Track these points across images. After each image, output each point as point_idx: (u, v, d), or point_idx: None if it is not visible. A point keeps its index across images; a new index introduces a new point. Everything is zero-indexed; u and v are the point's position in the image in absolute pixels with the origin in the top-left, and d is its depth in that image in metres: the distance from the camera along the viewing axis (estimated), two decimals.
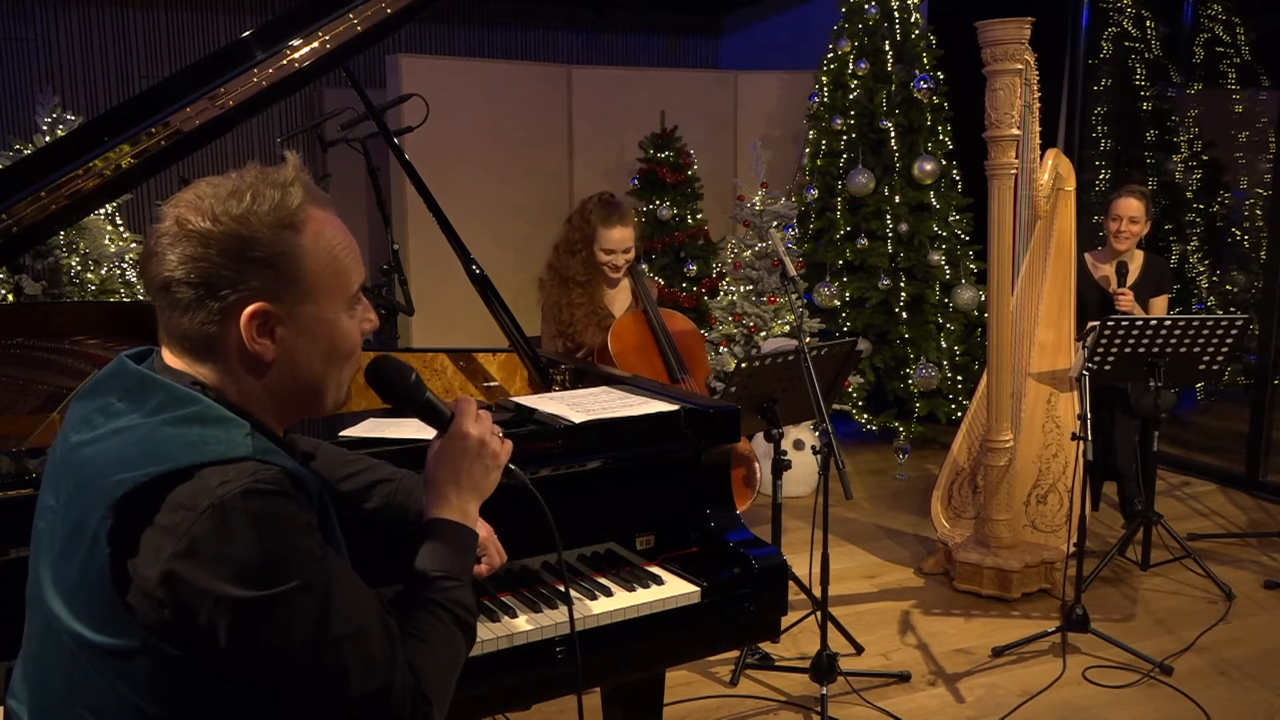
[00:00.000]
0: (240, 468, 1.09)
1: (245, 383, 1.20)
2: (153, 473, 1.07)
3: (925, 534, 4.38)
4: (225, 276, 1.15)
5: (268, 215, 1.16)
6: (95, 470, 1.12)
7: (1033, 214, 4.09)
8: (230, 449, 1.11)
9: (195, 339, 1.17)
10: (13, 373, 2.82)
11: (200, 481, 1.07)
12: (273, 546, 1.07)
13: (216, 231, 1.14)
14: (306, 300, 1.19)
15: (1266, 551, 4.29)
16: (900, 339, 5.65)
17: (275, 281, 1.17)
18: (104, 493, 1.08)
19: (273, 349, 1.18)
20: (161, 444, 1.10)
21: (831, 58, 5.87)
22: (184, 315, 1.17)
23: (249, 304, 1.16)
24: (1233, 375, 6.01)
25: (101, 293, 4.74)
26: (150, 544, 1.06)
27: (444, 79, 6.10)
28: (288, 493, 1.10)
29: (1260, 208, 6.32)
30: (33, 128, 5.04)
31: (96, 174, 2.04)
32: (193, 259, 1.14)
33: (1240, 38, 6.34)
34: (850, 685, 3.13)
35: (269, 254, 1.16)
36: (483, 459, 1.40)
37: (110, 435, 1.14)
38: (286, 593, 1.07)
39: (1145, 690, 3.17)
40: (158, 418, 1.13)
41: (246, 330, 1.16)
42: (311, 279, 1.19)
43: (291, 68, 2.12)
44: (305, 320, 1.20)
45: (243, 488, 1.07)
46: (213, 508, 1.05)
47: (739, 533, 2.01)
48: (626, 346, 3.75)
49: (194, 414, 1.14)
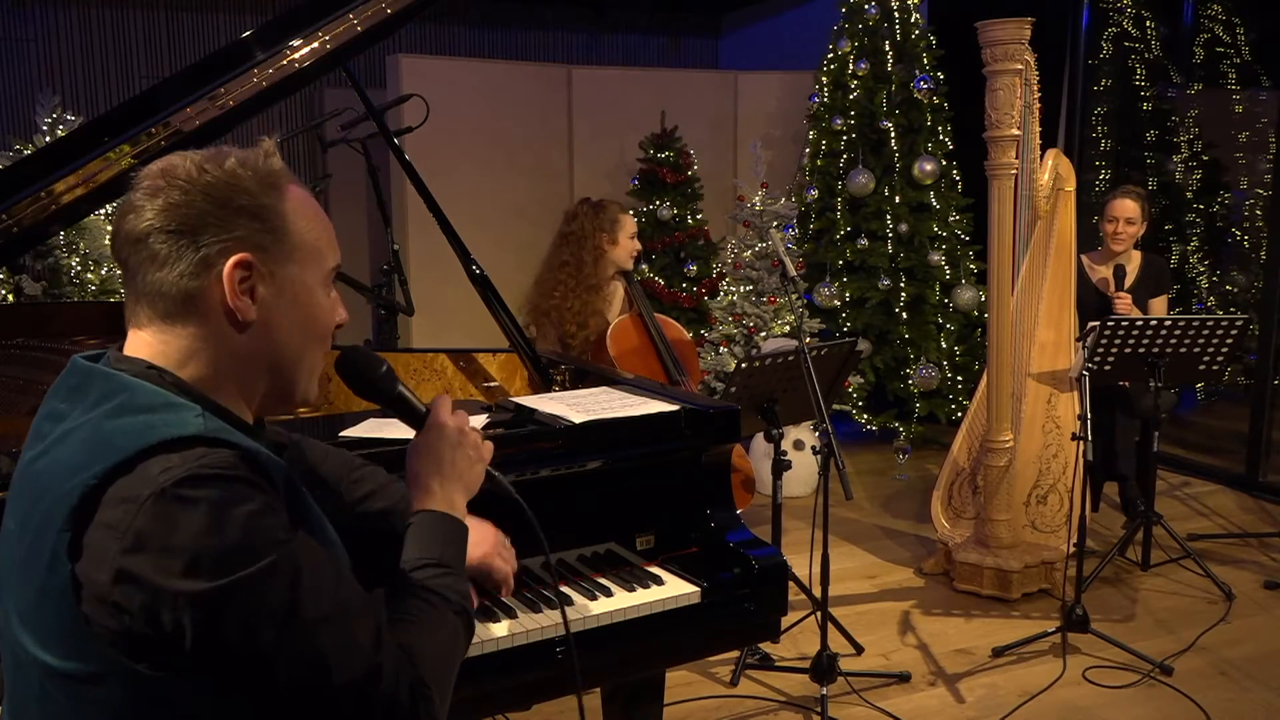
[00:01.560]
0: (185, 454, 1.01)
1: (222, 347, 1.14)
2: (100, 470, 1.01)
3: (925, 534, 4.38)
4: (210, 223, 1.10)
5: (253, 173, 1.14)
6: (47, 482, 1.05)
7: (1033, 214, 4.10)
8: (176, 429, 1.03)
9: (171, 297, 1.11)
10: (13, 373, 2.83)
11: (142, 471, 1.00)
12: (226, 531, 0.99)
13: (202, 179, 1.11)
14: (290, 260, 1.15)
15: (1266, 552, 4.29)
16: (900, 339, 5.65)
17: (261, 234, 1.13)
18: (59, 503, 1.02)
19: (253, 310, 1.13)
20: (106, 438, 1.04)
21: (831, 58, 5.88)
22: (161, 268, 1.10)
23: (234, 253, 1.11)
24: (1233, 375, 6.01)
25: (101, 293, 4.74)
26: (96, 545, 0.99)
27: (444, 79, 6.10)
28: (240, 476, 1.02)
29: (1260, 208, 6.32)
30: (33, 128, 5.04)
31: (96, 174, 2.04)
32: (175, 205, 1.10)
33: (1240, 38, 6.34)
34: (850, 685, 3.13)
35: (256, 205, 1.13)
36: (464, 448, 1.35)
37: (57, 443, 1.08)
38: (247, 578, 0.99)
39: (1145, 690, 3.17)
40: (100, 410, 1.07)
41: (229, 281, 1.11)
42: (294, 238, 1.16)
43: (292, 68, 2.12)
44: (288, 282, 1.16)
45: (187, 473, 0.99)
46: (155, 496, 0.98)
47: (739, 533, 2.01)
48: (624, 349, 3.75)
49: (139, 402, 1.07)
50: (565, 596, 1.81)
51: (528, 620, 1.74)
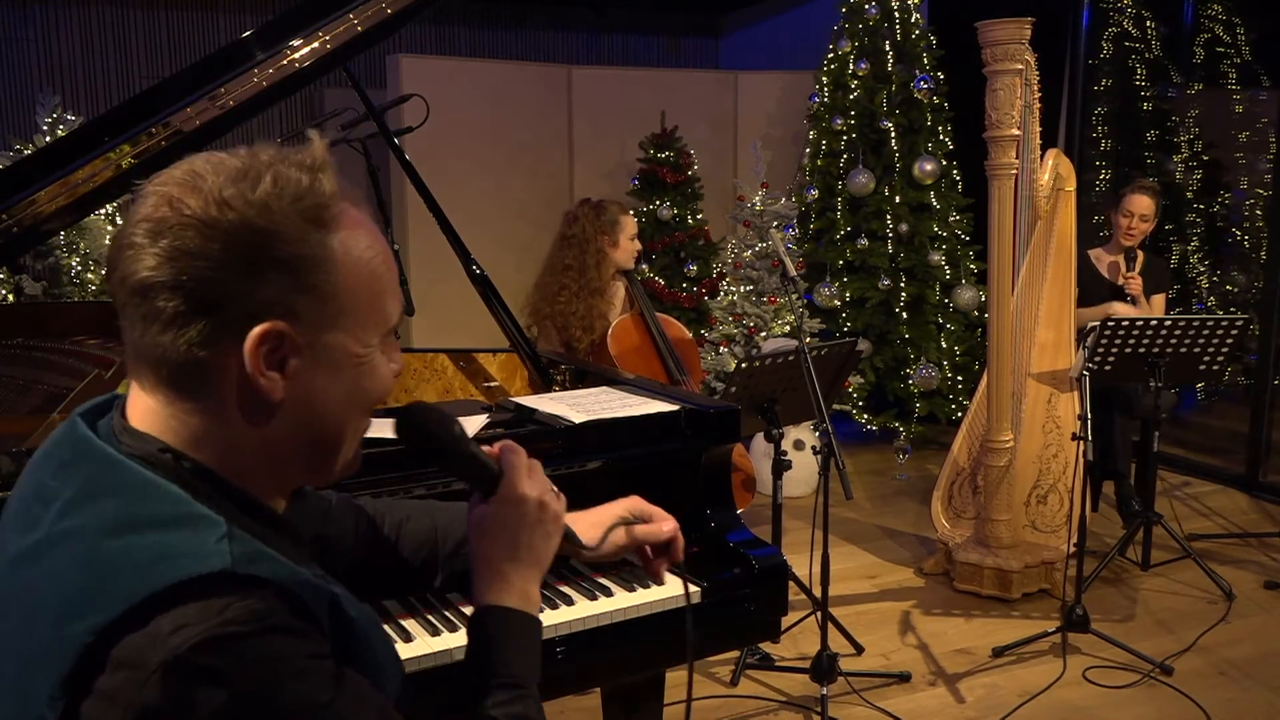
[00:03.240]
0: (206, 606, 0.79)
1: (238, 433, 0.90)
2: (99, 625, 0.78)
3: (925, 534, 4.38)
4: (228, 282, 0.85)
5: (292, 205, 0.87)
6: (30, 609, 0.83)
7: (1033, 214, 4.10)
8: (198, 564, 0.81)
9: (176, 366, 0.87)
10: (13, 373, 2.83)
11: (152, 628, 0.78)
12: (255, 708, 0.78)
13: (223, 220, 0.85)
14: (333, 325, 0.90)
15: (1267, 552, 4.29)
16: (900, 339, 5.65)
17: (295, 294, 0.87)
18: (47, 657, 0.79)
19: (282, 387, 0.88)
20: (107, 568, 0.81)
21: (832, 58, 5.88)
22: (164, 331, 0.86)
23: (258, 322, 0.86)
24: (1233, 375, 6.01)
25: (101, 293, 4.75)
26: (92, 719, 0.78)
27: (444, 79, 6.10)
28: (274, 627, 0.81)
29: (1260, 208, 6.32)
30: (33, 128, 5.05)
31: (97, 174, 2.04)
32: (186, 254, 0.84)
33: (1240, 38, 6.34)
34: (850, 685, 3.13)
35: (290, 256, 0.86)
36: (544, 524, 1.12)
37: (46, 549, 0.84)
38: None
39: (1145, 690, 3.17)
40: (99, 516, 0.84)
41: (252, 358, 0.86)
42: (343, 298, 0.90)
43: (292, 68, 2.12)
44: (329, 352, 0.90)
45: (206, 634, 0.77)
46: (166, 667, 0.76)
47: (739, 533, 2.01)
48: (625, 349, 3.75)
49: (147, 513, 0.84)
50: (566, 597, 1.81)
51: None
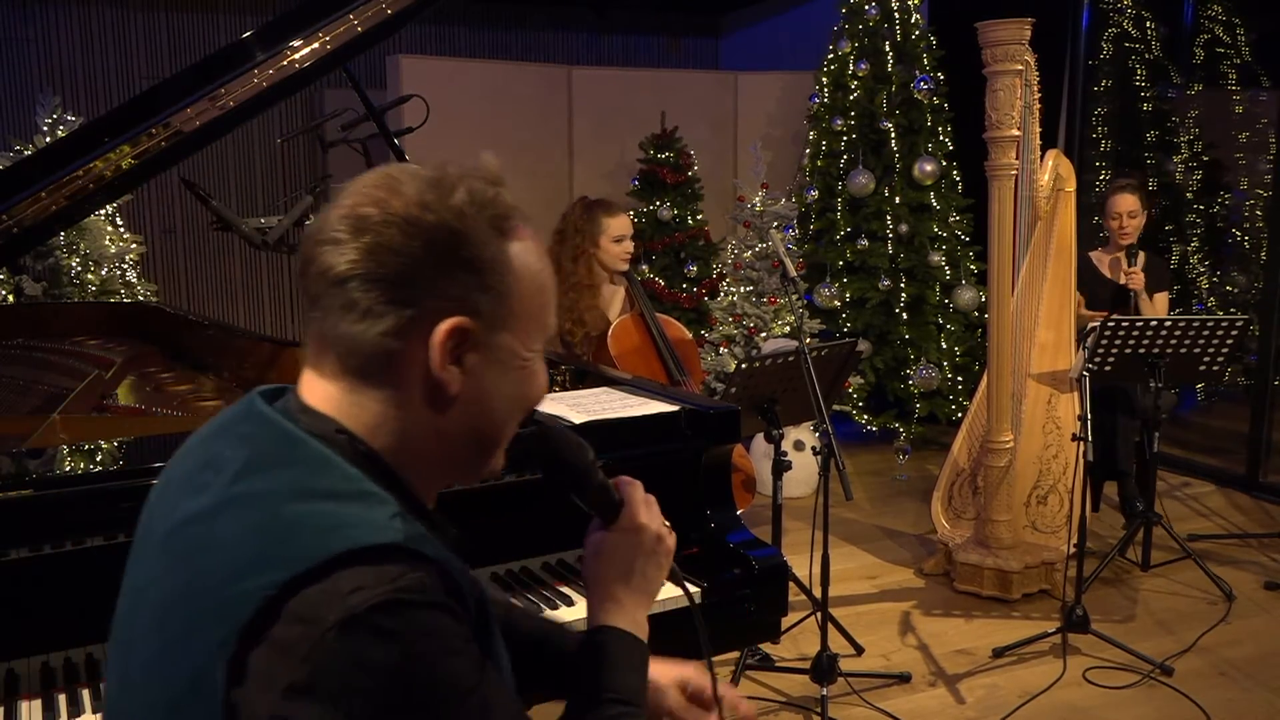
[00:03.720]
0: (380, 570, 0.84)
1: (416, 421, 0.95)
2: (280, 579, 0.83)
3: (925, 535, 4.38)
4: (426, 277, 0.91)
5: (481, 213, 0.95)
6: (203, 566, 0.88)
7: (1033, 215, 4.10)
8: (373, 534, 0.86)
9: (365, 355, 0.93)
10: (13, 373, 2.83)
11: (329, 585, 0.82)
12: (419, 675, 0.83)
13: (424, 220, 0.91)
14: (506, 327, 0.96)
15: (1267, 552, 4.29)
16: (900, 340, 5.65)
17: (481, 294, 0.94)
18: (221, 606, 0.84)
19: (460, 380, 0.95)
20: (285, 531, 0.86)
21: (832, 58, 5.87)
22: (357, 321, 0.91)
23: (447, 316, 0.92)
24: (1233, 376, 6.01)
25: (102, 293, 4.75)
26: (261, 669, 0.82)
27: (444, 79, 6.10)
28: (437, 603, 0.86)
29: (1260, 208, 6.32)
30: (33, 128, 5.05)
31: (97, 175, 2.04)
32: (388, 250, 0.90)
33: (1240, 38, 6.34)
34: (850, 686, 3.13)
35: (477, 258, 0.93)
36: (657, 556, 1.18)
37: (220, 509, 0.90)
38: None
39: (1146, 691, 3.17)
40: (280, 487, 0.90)
41: (439, 350, 0.92)
42: (516, 302, 0.96)
43: (292, 68, 2.12)
44: (500, 352, 0.97)
45: (382, 597, 0.82)
46: (341, 625, 0.81)
47: (739, 533, 2.01)
48: (626, 349, 3.75)
49: (325, 485, 0.89)
50: (566, 597, 1.81)
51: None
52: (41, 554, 1.51)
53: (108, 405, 2.48)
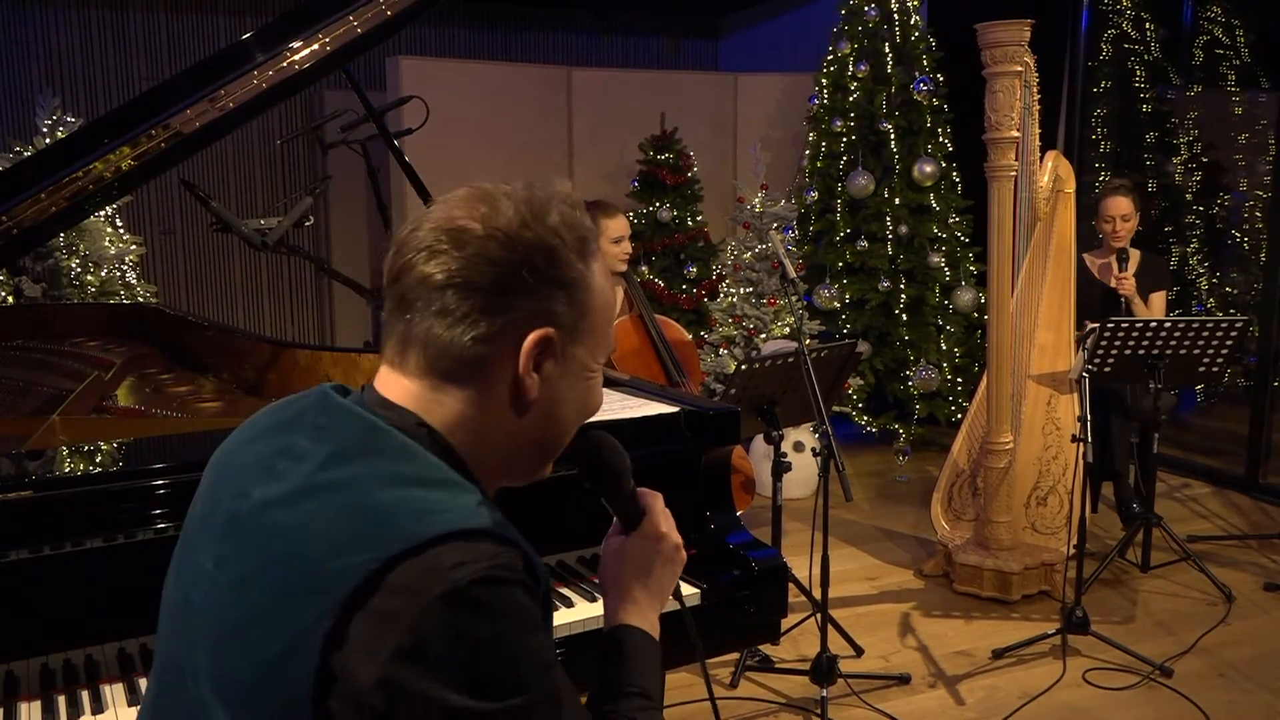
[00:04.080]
0: (479, 548, 0.89)
1: (494, 422, 1.02)
2: (383, 556, 0.87)
3: (925, 536, 4.38)
4: (524, 288, 0.98)
5: (571, 233, 1.01)
6: (295, 547, 0.92)
7: (1032, 216, 4.10)
8: (465, 519, 0.91)
9: (455, 357, 0.98)
10: (13, 374, 2.83)
11: (431, 559, 0.88)
12: (509, 649, 0.89)
13: (526, 237, 0.98)
14: (580, 341, 1.04)
15: (1266, 553, 4.29)
16: (900, 341, 5.65)
17: (566, 309, 1.01)
18: (320, 584, 0.88)
19: (538, 387, 1.01)
20: (380, 513, 0.91)
21: (831, 59, 5.88)
22: (452, 326, 0.97)
23: (538, 326, 0.99)
24: (1232, 377, 6.01)
25: (101, 294, 4.75)
26: (364, 635, 0.86)
27: (444, 81, 6.10)
28: (524, 583, 0.92)
29: (1260, 210, 6.32)
30: (33, 129, 5.05)
31: (97, 176, 2.04)
32: (491, 261, 0.97)
33: (1240, 39, 6.34)
34: (850, 687, 3.13)
35: (570, 275, 1.00)
36: (673, 564, 1.25)
37: (304, 496, 0.94)
38: (519, 707, 0.89)
39: (1145, 692, 3.17)
40: (368, 473, 0.94)
41: (527, 357, 0.99)
42: (591, 318, 1.04)
43: (291, 70, 2.12)
44: (573, 363, 1.04)
45: (482, 573, 0.88)
46: (445, 597, 0.86)
47: (739, 535, 2.01)
48: (625, 350, 3.75)
49: (413, 473, 0.94)
50: (566, 599, 1.82)
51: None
52: (41, 555, 1.51)
53: (107, 406, 2.48)
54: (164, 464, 1.68)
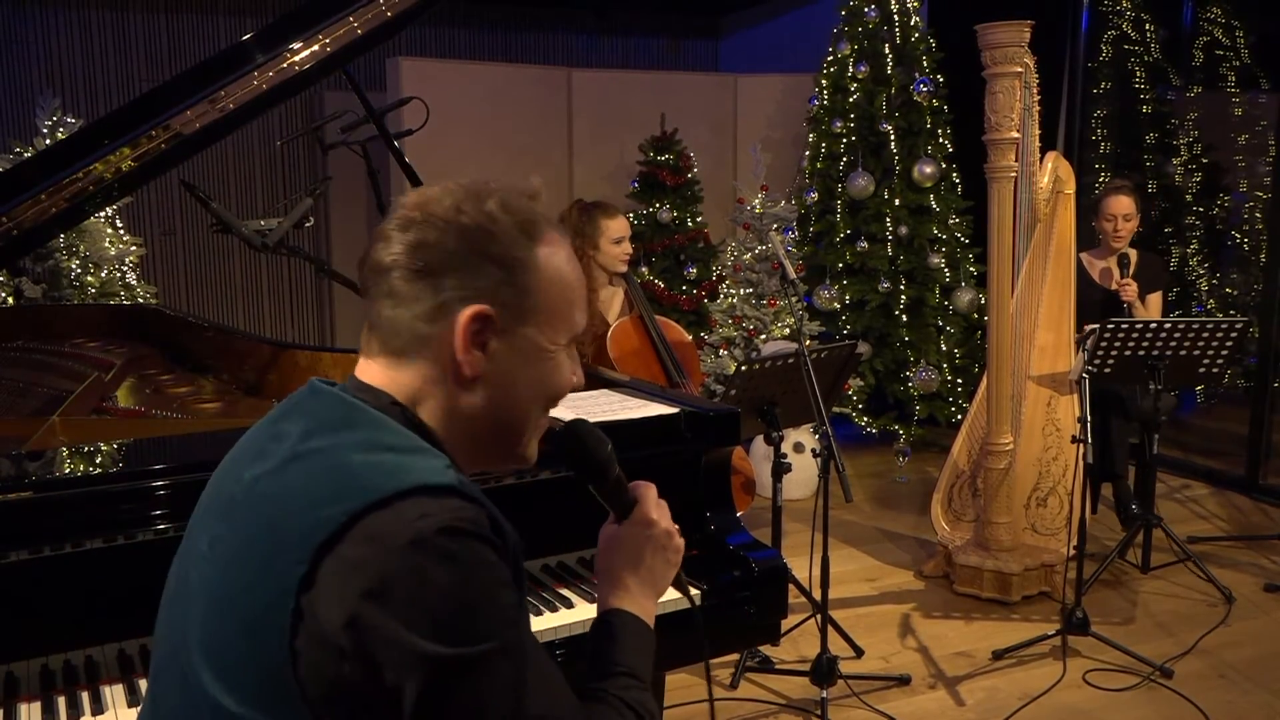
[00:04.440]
0: (444, 502, 0.94)
1: (450, 398, 1.07)
2: (354, 508, 0.92)
3: (925, 537, 4.38)
4: (454, 267, 1.04)
5: (510, 217, 1.07)
6: (278, 509, 0.97)
7: (1032, 217, 4.10)
8: (433, 476, 0.96)
9: (402, 336, 1.06)
10: (13, 375, 2.83)
11: (398, 510, 0.92)
12: (473, 597, 0.92)
13: (458, 221, 1.05)
14: (529, 320, 1.08)
15: (1266, 554, 4.29)
16: (900, 342, 5.65)
17: (504, 286, 1.06)
18: (297, 536, 0.93)
19: (482, 363, 1.06)
20: (354, 472, 0.96)
21: (831, 60, 5.88)
22: (396, 306, 1.05)
23: (473, 304, 1.04)
24: (1232, 378, 6.01)
25: (101, 295, 4.75)
26: (333, 581, 0.91)
27: (444, 81, 6.10)
28: (490, 538, 0.95)
29: (1260, 210, 6.32)
30: (33, 130, 5.04)
31: (97, 177, 2.04)
32: (424, 244, 1.04)
33: (1240, 40, 6.35)
34: (850, 688, 3.13)
35: (505, 255, 1.06)
36: (666, 552, 1.27)
37: (287, 464, 1.00)
38: (485, 653, 0.92)
39: (1145, 693, 3.17)
40: (343, 439, 1.00)
41: (462, 333, 1.04)
42: (540, 298, 1.08)
43: (291, 71, 2.12)
44: (523, 341, 1.08)
45: (445, 524, 0.92)
46: (411, 544, 0.90)
47: (739, 535, 2.01)
48: (625, 351, 3.75)
49: (387, 440, 1.00)
50: (566, 600, 1.81)
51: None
52: (41, 556, 1.51)
53: (107, 407, 2.48)
54: (164, 465, 1.68)
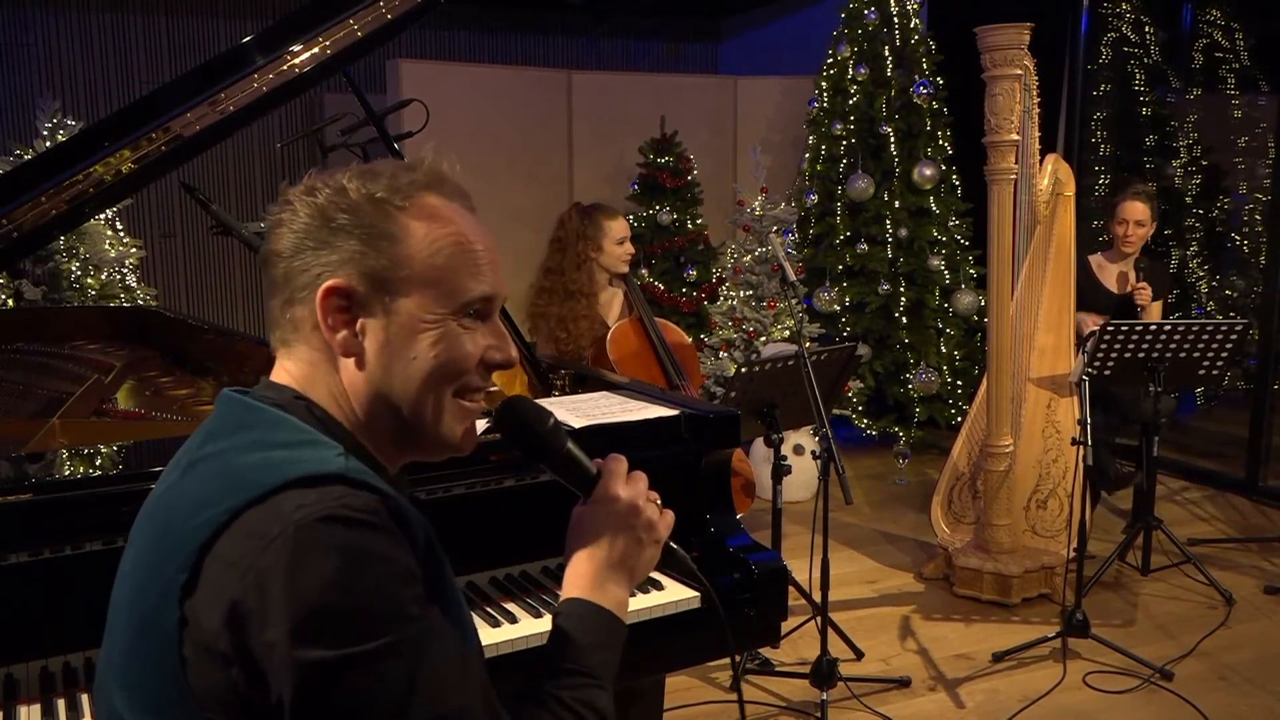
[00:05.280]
0: (325, 490, 0.89)
1: (333, 384, 1.03)
2: (232, 506, 0.89)
3: (925, 539, 4.38)
4: (309, 246, 1.01)
5: (369, 189, 1.02)
6: (171, 515, 0.95)
7: (1032, 219, 4.09)
8: (315, 466, 0.92)
9: (281, 325, 1.05)
10: (12, 377, 2.83)
11: (275, 504, 0.88)
12: (357, 590, 0.86)
13: (312, 200, 1.02)
14: (402, 291, 1.01)
15: (1267, 556, 4.29)
16: (900, 344, 5.65)
17: (364, 258, 1.00)
18: (181, 540, 0.91)
19: (353, 342, 1.02)
20: (240, 472, 0.93)
21: (831, 63, 5.88)
22: (272, 296, 1.04)
23: (328, 279, 1.00)
24: (1232, 380, 6.01)
25: (101, 297, 4.74)
26: (211, 582, 0.88)
27: (444, 84, 6.10)
28: (382, 526, 0.89)
29: (1260, 212, 6.32)
30: (33, 132, 5.04)
31: (97, 179, 2.04)
32: (284, 228, 1.02)
33: (1239, 42, 6.35)
34: (850, 690, 3.13)
35: (360, 224, 1.01)
36: (635, 530, 1.15)
37: (186, 472, 0.99)
38: (368, 653, 0.85)
39: (1145, 695, 3.17)
40: (233, 444, 0.97)
41: (320, 310, 1.00)
42: (412, 266, 1.01)
43: (292, 73, 2.13)
44: (400, 316, 1.02)
45: (325, 511, 0.87)
46: (284, 536, 0.86)
47: (739, 538, 2.01)
48: (625, 353, 3.75)
49: (277, 438, 0.97)
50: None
51: (528, 625, 1.74)
52: (41, 558, 1.51)
53: (107, 409, 2.48)
54: (164, 467, 1.67)
